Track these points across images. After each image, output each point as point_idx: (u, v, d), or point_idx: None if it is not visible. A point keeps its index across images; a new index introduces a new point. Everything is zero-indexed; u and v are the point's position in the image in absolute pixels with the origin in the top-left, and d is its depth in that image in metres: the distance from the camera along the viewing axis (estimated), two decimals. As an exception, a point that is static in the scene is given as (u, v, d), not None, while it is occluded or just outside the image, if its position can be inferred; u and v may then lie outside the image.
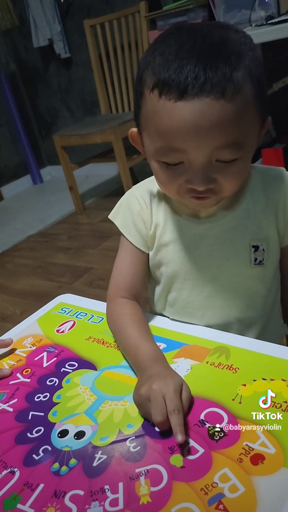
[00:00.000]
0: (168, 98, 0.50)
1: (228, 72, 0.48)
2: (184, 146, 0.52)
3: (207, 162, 0.53)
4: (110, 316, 0.69)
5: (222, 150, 0.52)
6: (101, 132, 2.52)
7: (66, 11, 3.12)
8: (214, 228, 0.65)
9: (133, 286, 0.70)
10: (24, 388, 0.64)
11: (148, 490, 0.45)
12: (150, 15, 2.42)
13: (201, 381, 0.57)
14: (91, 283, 2.02)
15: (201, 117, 0.49)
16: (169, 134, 0.52)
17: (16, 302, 2.04)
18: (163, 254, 0.69)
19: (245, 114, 0.51)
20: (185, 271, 0.68)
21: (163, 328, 0.69)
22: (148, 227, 0.69)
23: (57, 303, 0.84)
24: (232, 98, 0.49)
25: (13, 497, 0.48)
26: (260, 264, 0.65)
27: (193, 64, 0.48)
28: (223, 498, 0.43)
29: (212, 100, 0.48)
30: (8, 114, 3.72)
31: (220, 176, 0.54)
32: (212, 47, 0.50)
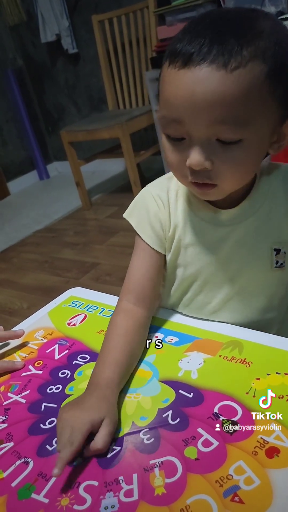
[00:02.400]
0: (174, 66, 0.50)
1: (237, 47, 0.47)
2: (182, 116, 0.51)
3: (205, 138, 0.51)
4: (110, 318, 0.67)
5: (220, 126, 0.49)
6: (108, 128, 2.52)
7: (74, 7, 3.11)
8: (235, 231, 0.63)
9: (142, 289, 0.67)
10: (36, 380, 0.64)
11: (162, 481, 0.45)
12: (158, 10, 2.41)
13: (214, 375, 0.57)
14: (98, 279, 2.02)
15: (199, 85, 0.48)
16: (169, 102, 0.52)
17: (24, 296, 2.04)
18: (181, 257, 0.67)
19: (251, 93, 0.48)
20: (204, 274, 0.67)
21: (175, 322, 0.69)
22: (166, 229, 0.67)
23: (67, 297, 0.84)
24: (235, 71, 0.47)
25: (27, 487, 0.48)
26: (281, 267, 0.64)
27: (203, 37, 0.48)
28: (238, 490, 0.43)
29: (213, 69, 0.47)
30: (15, 110, 3.73)
31: (218, 159, 0.52)
32: (228, 25, 0.49)
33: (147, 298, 0.67)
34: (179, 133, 0.53)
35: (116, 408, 0.54)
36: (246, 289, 0.66)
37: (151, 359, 0.62)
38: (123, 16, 2.67)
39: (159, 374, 0.59)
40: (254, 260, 0.64)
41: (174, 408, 0.54)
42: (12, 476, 0.50)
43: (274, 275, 0.65)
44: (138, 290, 0.67)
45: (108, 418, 0.51)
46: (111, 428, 0.51)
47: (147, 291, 0.67)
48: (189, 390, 0.56)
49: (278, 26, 0.52)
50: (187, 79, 0.49)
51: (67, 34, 3.17)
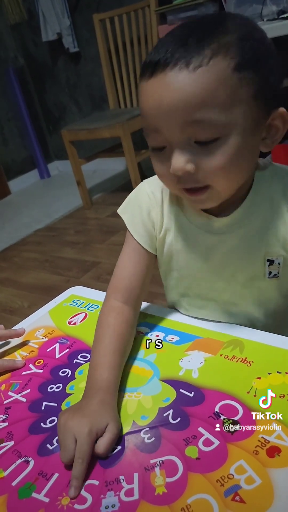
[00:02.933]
0: (144, 78, 0.51)
1: (198, 47, 0.48)
2: (156, 124, 0.51)
3: (184, 141, 0.51)
4: (98, 318, 0.66)
5: (193, 127, 0.49)
6: (109, 126, 2.51)
7: (75, 5, 3.11)
8: (228, 240, 0.61)
9: (131, 287, 0.66)
10: (37, 378, 0.64)
11: (163, 481, 0.45)
12: (160, 9, 2.40)
13: (215, 374, 0.57)
14: (99, 278, 2.02)
15: (165, 90, 0.49)
16: (144, 113, 0.52)
17: (24, 295, 2.04)
18: (174, 261, 0.67)
19: (218, 89, 0.48)
20: (197, 278, 0.66)
21: (176, 321, 0.69)
22: (157, 229, 0.66)
23: (68, 295, 0.84)
24: (197, 70, 0.47)
25: (28, 486, 0.48)
26: (275, 277, 0.63)
27: (168, 45, 0.49)
28: (239, 489, 0.43)
29: (176, 72, 0.48)
30: (16, 109, 3.72)
31: (202, 161, 0.51)
32: (193, 29, 0.50)
33: (135, 298, 0.67)
34: (159, 142, 0.53)
35: (117, 412, 0.54)
36: (239, 295, 0.65)
37: (152, 358, 0.62)
38: (124, 15, 2.66)
39: (160, 373, 0.59)
40: (247, 269, 0.63)
41: (175, 407, 0.53)
42: (12, 475, 0.50)
43: (268, 284, 0.63)
44: (127, 289, 0.66)
45: (111, 424, 0.51)
46: (115, 433, 0.50)
47: (135, 290, 0.67)
48: (190, 389, 0.55)
49: (244, 24, 0.52)
50: (155, 87, 0.50)
51: (68, 33, 3.17)
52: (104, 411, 0.52)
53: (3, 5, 3.34)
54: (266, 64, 0.51)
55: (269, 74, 0.52)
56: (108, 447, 0.49)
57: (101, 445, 0.49)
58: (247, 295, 0.65)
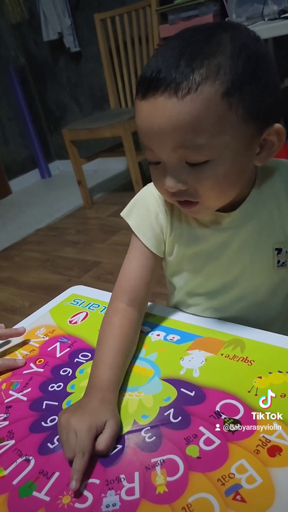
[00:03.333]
0: (137, 98, 0.52)
1: (187, 71, 0.48)
2: (149, 144, 0.53)
3: (176, 162, 0.52)
4: (103, 319, 0.66)
5: (182, 150, 0.50)
6: (110, 126, 2.51)
7: (76, 5, 3.11)
8: (238, 235, 0.62)
9: (136, 290, 0.67)
10: (37, 377, 0.64)
11: (164, 480, 0.45)
12: (161, 9, 2.41)
13: (216, 373, 0.57)
14: (100, 277, 2.02)
15: (155, 116, 0.50)
16: (139, 131, 0.54)
17: (25, 295, 2.04)
18: (185, 262, 0.67)
19: (206, 115, 0.48)
20: (207, 277, 0.67)
21: (177, 320, 0.69)
22: (166, 232, 0.66)
23: (69, 295, 0.84)
24: (186, 97, 0.48)
25: (28, 484, 0.48)
26: (283, 266, 0.64)
27: (162, 64, 0.49)
28: (240, 489, 0.43)
29: (166, 98, 0.48)
30: (17, 108, 3.73)
31: (192, 179, 0.53)
32: (186, 47, 0.49)
33: (141, 300, 0.67)
34: (154, 158, 0.54)
35: (117, 410, 0.54)
36: (250, 289, 0.66)
37: (153, 357, 0.62)
38: (125, 15, 2.66)
39: (161, 372, 0.59)
40: (257, 261, 0.64)
41: (176, 406, 0.53)
42: (13, 474, 0.50)
43: (277, 274, 0.65)
44: (132, 291, 0.67)
45: (111, 420, 0.51)
46: (114, 429, 0.51)
47: (140, 293, 0.67)
48: (191, 389, 0.55)
49: (240, 36, 0.50)
50: (145, 111, 0.51)
51: (69, 32, 3.17)
52: (104, 408, 0.52)
53: (4, 5, 3.34)
54: (261, 79, 0.50)
55: (264, 90, 0.51)
56: (108, 443, 0.49)
57: (101, 442, 0.49)
58: (259, 286, 0.66)
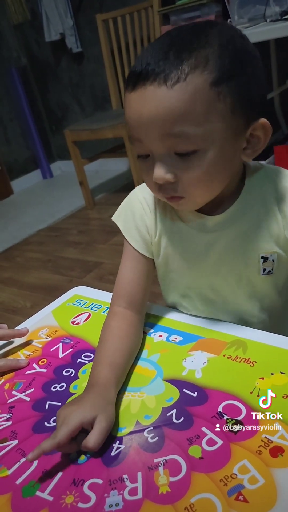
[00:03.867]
0: (127, 90, 0.53)
1: (176, 62, 0.49)
2: (138, 135, 0.53)
3: (164, 153, 0.53)
4: (103, 324, 0.67)
5: (172, 139, 0.51)
6: (112, 127, 2.52)
7: (78, 6, 3.11)
8: (222, 237, 0.62)
9: (132, 294, 0.67)
10: (40, 378, 0.64)
11: (167, 480, 0.45)
12: (163, 10, 2.41)
13: (218, 374, 0.57)
14: (101, 278, 2.02)
15: (145, 105, 0.50)
16: (128, 124, 0.54)
17: (27, 295, 2.05)
18: (171, 263, 0.68)
19: (195, 104, 0.49)
20: (194, 278, 0.67)
21: (179, 321, 0.69)
22: (152, 233, 0.67)
23: (71, 295, 0.84)
24: (175, 86, 0.49)
25: (31, 484, 0.49)
26: (269, 274, 0.63)
27: (149, 58, 0.50)
28: (242, 489, 0.43)
29: (155, 87, 0.49)
30: (18, 109, 3.73)
31: (180, 171, 0.53)
32: (175, 41, 0.51)
33: (137, 302, 0.67)
34: (143, 150, 0.55)
35: (113, 406, 0.53)
36: (236, 292, 0.66)
37: (155, 358, 0.62)
38: (127, 15, 2.67)
39: (163, 373, 0.60)
40: (242, 265, 0.63)
41: (178, 407, 0.54)
42: (16, 474, 0.50)
43: (263, 280, 0.64)
44: (128, 295, 0.67)
45: (101, 415, 0.50)
46: (103, 425, 0.50)
47: (137, 296, 0.67)
48: (193, 389, 0.56)
49: (226, 33, 0.52)
50: (135, 101, 0.52)
51: (71, 33, 3.18)
52: (96, 403, 0.52)
53: (6, 5, 3.35)
54: (247, 73, 0.52)
55: (251, 83, 0.52)
56: (98, 440, 0.49)
57: (90, 439, 0.49)
58: (243, 292, 0.66)
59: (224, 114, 0.51)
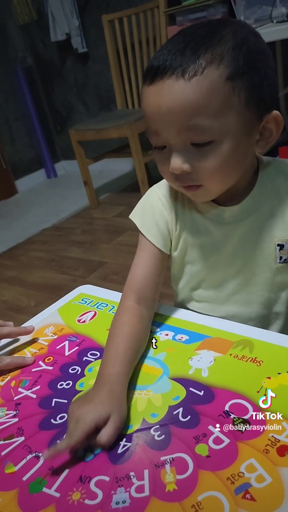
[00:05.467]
0: (146, 84, 0.55)
1: (194, 56, 0.51)
2: (156, 127, 0.55)
3: (181, 144, 0.55)
4: (113, 318, 0.67)
5: (188, 131, 0.53)
6: (117, 127, 2.52)
7: (84, 6, 3.12)
8: (239, 228, 0.65)
9: (144, 288, 0.68)
10: (47, 375, 0.65)
11: (174, 478, 0.45)
12: (169, 10, 2.41)
13: (225, 373, 0.57)
14: (105, 277, 2.02)
15: (163, 98, 0.53)
16: (146, 117, 0.57)
17: (31, 294, 2.05)
18: (188, 255, 0.69)
19: (211, 96, 0.51)
20: (211, 270, 0.68)
21: (185, 320, 0.69)
22: (172, 228, 0.69)
23: (77, 294, 0.84)
24: (192, 79, 0.51)
25: (38, 481, 0.49)
26: (285, 262, 0.65)
27: (167, 53, 0.52)
28: (250, 487, 0.43)
29: (173, 81, 0.51)
30: (24, 108, 3.74)
31: (196, 161, 0.55)
32: (192, 37, 0.53)
33: (149, 298, 0.68)
34: (160, 142, 0.57)
35: (125, 403, 0.54)
36: (252, 283, 0.67)
37: (162, 357, 0.62)
38: (133, 16, 2.67)
39: (170, 371, 0.60)
40: (258, 255, 0.65)
41: (185, 405, 0.54)
42: (23, 470, 0.50)
43: (279, 270, 0.66)
44: (141, 290, 0.68)
45: (115, 414, 0.51)
46: (117, 423, 0.51)
47: (149, 291, 0.68)
48: (200, 388, 0.56)
49: (240, 31, 0.54)
50: (154, 94, 0.54)
51: (77, 33, 3.18)
52: (111, 401, 0.52)
53: (12, 6, 3.36)
54: (260, 71, 0.54)
55: (263, 80, 0.54)
56: (110, 437, 0.50)
57: (103, 435, 0.49)
58: (260, 282, 0.67)
59: (239, 107, 0.53)
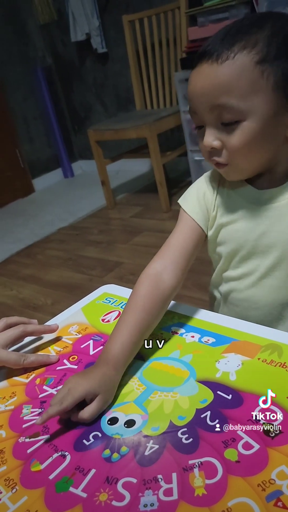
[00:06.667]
0: (192, 69, 0.61)
1: (229, 44, 0.56)
2: (194, 106, 0.61)
3: (213, 122, 0.60)
4: (136, 282, 0.68)
5: (218, 110, 0.58)
6: (136, 127, 2.52)
7: (104, 6, 3.13)
8: (273, 210, 0.66)
9: (175, 255, 0.69)
10: (71, 374, 0.64)
11: (203, 482, 0.45)
12: (190, 11, 2.40)
13: (253, 377, 0.56)
14: (122, 278, 2.02)
15: (199, 79, 0.59)
16: (188, 98, 0.63)
17: (48, 293, 2.06)
18: (222, 234, 0.71)
19: (240, 79, 0.56)
20: (245, 248, 0.69)
21: (211, 322, 0.69)
22: (210, 207, 0.72)
23: (101, 293, 0.84)
24: (224, 63, 0.56)
25: (65, 480, 0.48)
26: None
27: (212, 40, 0.58)
28: (282, 495, 0.42)
29: (209, 65, 0.57)
30: (42, 108, 3.77)
31: (225, 139, 0.60)
32: (234, 29, 0.58)
33: (178, 266, 0.69)
34: (198, 121, 0.63)
35: (115, 388, 0.58)
36: (282, 268, 0.68)
37: (188, 359, 0.62)
38: (153, 16, 2.67)
39: (196, 374, 0.59)
40: None
41: (213, 409, 0.53)
42: (49, 469, 0.50)
43: None
44: (172, 256, 0.69)
45: (102, 395, 0.55)
46: (101, 405, 0.55)
47: (180, 260, 0.69)
48: (228, 392, 0.55)
49: (282, 20, 0.58)
50: (194, 77, 0.60)
51: (97, 33, 3.20)
52: (102, 383, 0.56)
53: (33, 5, 3.39)
54: None
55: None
56: (92, 414, 0.55)
57: (86, 412, 0.54)
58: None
59: (266, 90, 0.57)
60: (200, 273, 0.76)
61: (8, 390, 0.64)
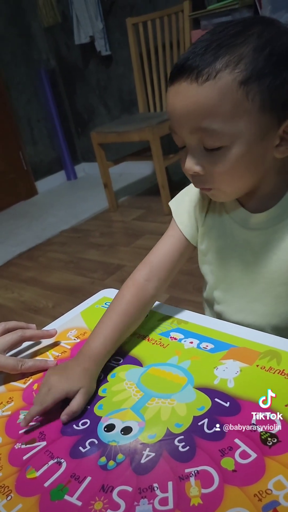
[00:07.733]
0: (169, 84, 0.56)
1: (211, 59, 0.50)
2: (173, 127, 0.56)
3: (195, 145, 0.55)
4: (121, 288, 0.71)
5: (200, 133, 0.53)
6: (139, 130, 2.52)
7: (108, 9, 3.14)
8: (261, 236, 0.64)
9: (159, 265, 0.70)
10: (69, 380, 0.64)
11: (199, 491, 0.44)
12: (193, 14, 2.41)
13: (251, 384, 0.56)
14: (123, 281, 2.00)
15: (177, 99, 0.53)
16: (168, 116, 0.58)
17: (49, 295, 2.06)
18: (211, 253, 0.70)
19: (223, 101, 0.51)
20: (229, 274, 0.69)
21: (210, 328, 0.68)
22: (199, 221, 0.70)
23: (100, 297, 0.84)
24: (205, 83, 0.50)
25: (60, 487, 0.48)
26: None
27: (191, 53, 0.52)
28: (278, 506, 0.41)
29: (187, 84, 0.52)
30: (46, 110, 3.78)
31: (208, 164, 0.56)
32: (218, 38, 0.52)
33: (161, 277, 0.70)
34: (179, 142, 0.58)
35: (95, 381, 0.61)
36: (271, 293, 0.66)
37: (186, 365, 0.61)
38: (157, 20, 2.67)
39: (194, 380, 0.58)
40: (277, 266, 0.64)
41: (210, 416, 0.52)
42: (44, 476, 0.50)
43: None
44: (155, 266, 0.70)
45: (84, 389, 0.58)
46: (85, 397, 0.58)
47: (163, 271, 0.70)
48: (226, 399, 0.54)
49: (270, 30, 0.52)
50: (172, 95, 0.54)
51: (101, 36, 3.20)
52: (83, 378, 0.59)
53: (37, 8, 3.40)
54: (282, 74, 0.51)
55: (285, 83, 0.51)
56: (80, 405, 0.57)
57: (74, 404, 0.56)
58: (275, 295, 0.66)
59: (251, 112, 0.51)
60: (200, 276, 0.75)
61: (5, 396, 0.64)
